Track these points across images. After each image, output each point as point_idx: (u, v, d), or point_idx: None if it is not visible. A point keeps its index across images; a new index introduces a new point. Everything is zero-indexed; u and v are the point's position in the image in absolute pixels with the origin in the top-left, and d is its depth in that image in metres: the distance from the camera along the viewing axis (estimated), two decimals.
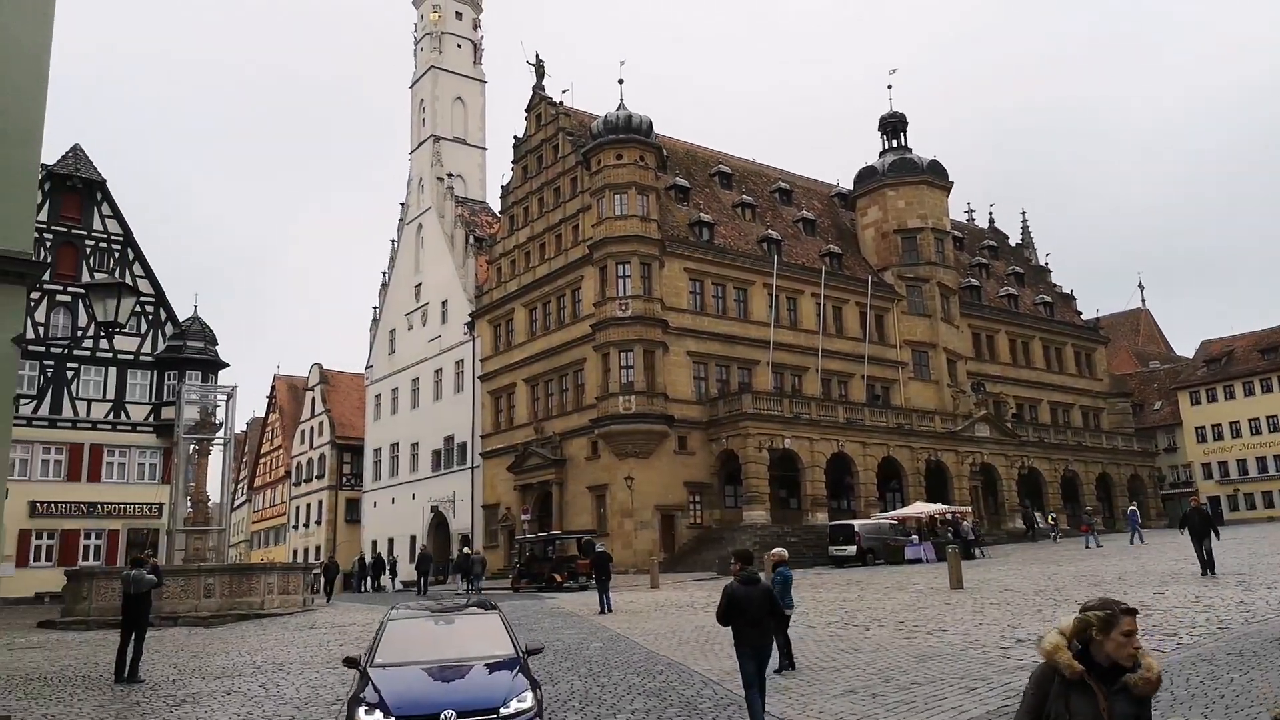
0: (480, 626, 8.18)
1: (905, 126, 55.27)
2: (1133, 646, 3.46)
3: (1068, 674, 3.45)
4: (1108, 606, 3.51)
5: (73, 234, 36.18)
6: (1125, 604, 3.55)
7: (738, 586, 8.20)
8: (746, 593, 8.14)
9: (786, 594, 11.17)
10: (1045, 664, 3.55)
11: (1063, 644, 3.49)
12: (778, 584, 11.00)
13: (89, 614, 23.38)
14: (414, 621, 8.35)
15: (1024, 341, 58.45)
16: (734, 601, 8.11)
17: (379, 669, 7.30)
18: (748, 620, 8.09)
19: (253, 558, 70.71)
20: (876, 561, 34.65)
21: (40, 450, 34.27)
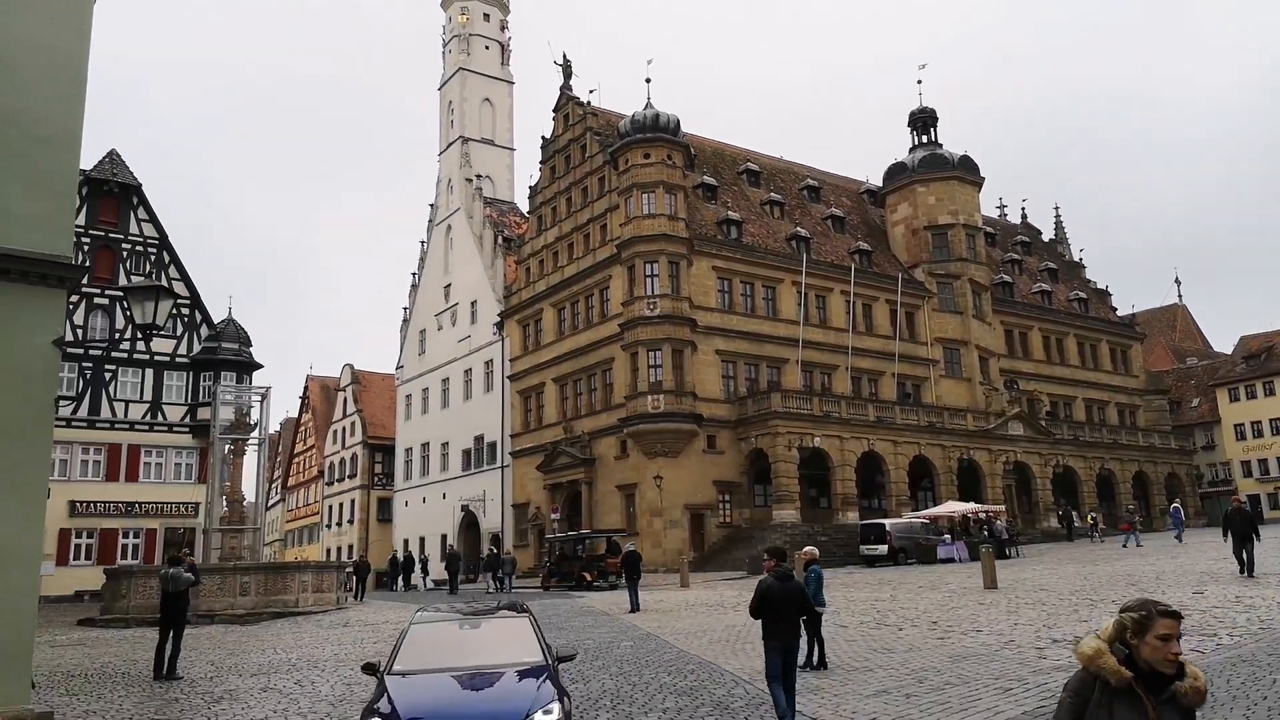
0: (508, 631, 7.79)
1: (935, 122, 54.77)
2: (1170, 652, 3.21)
3: (1114, 681, 3.22)
4: (1144, 607, 3.30)
5: (110, 238, 36.80)
6: (1166, 605, 3.33)
7: (772, 582, 8.36)
8: (781, 588, 8.30)
9: (819, 593, 11.25)
10: (1083, 670, 3.33)
11: (1105, 649, 3.28)
12: (811, 583, 11.08)
13: (128, 612, 23.77)
14: (438, 626, 7.93)
15: (1058, 338, 57.70)
16: (768, 596, 8.27)
17: (396, 677, 6.96)
18: (780, 615, 8.26)
19: (287, 556, 71.56)
20: (908, 561, 34.37)
21: (80, 450, 34.91)
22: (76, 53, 8.64)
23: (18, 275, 7.74)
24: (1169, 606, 3.32)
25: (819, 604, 11.08)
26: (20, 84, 8.18)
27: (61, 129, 8.40)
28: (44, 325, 7.88)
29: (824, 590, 11.26)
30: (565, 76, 49.34)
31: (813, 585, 11.04)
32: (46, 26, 8.44)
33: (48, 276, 7.89)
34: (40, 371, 7.82)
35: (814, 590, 11.03)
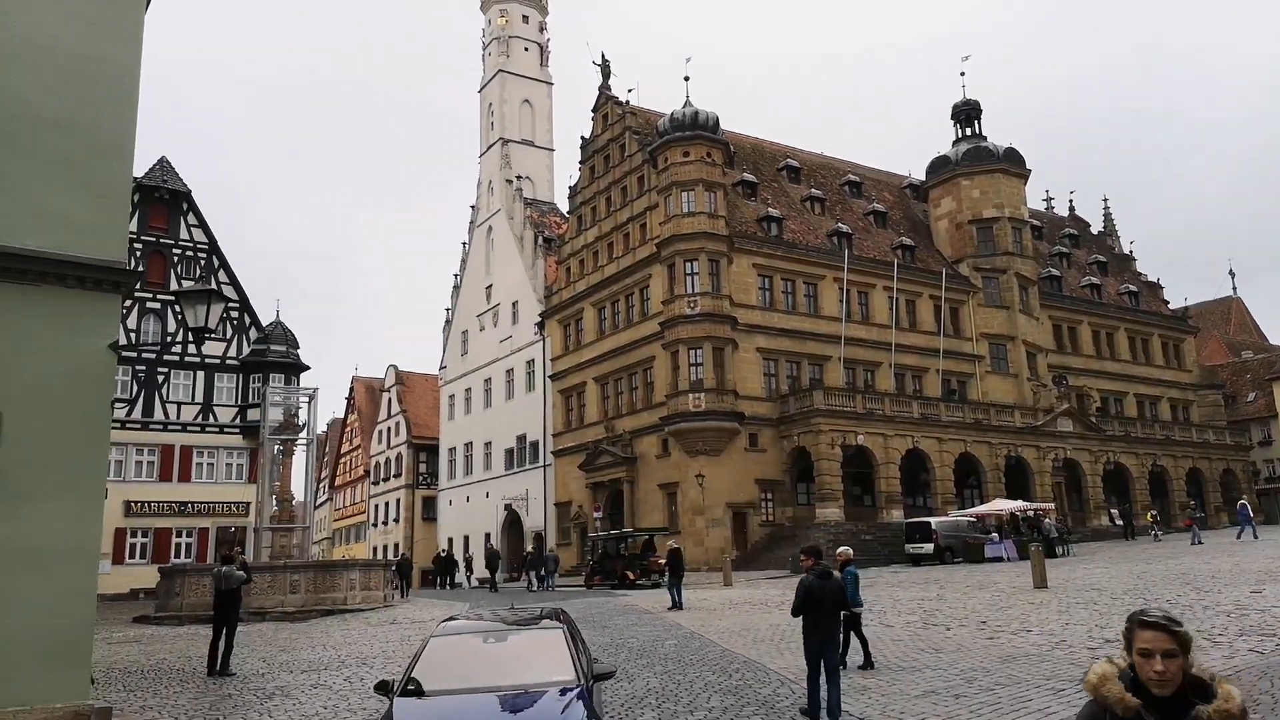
0: (538, 646, 6.94)
1: (979, 114, 53.96)
2: (1152, 670, 2.80)
3: (1120, 711, 2.84)
4: (1130, 619, 2.93)
5: (161, 243, 37.65)
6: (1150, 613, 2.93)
7: (813, 580, 8.64)
8: (821, 586, 8.59)
9: (856, 592, 11.35)
10: (1092, 700, 2.98)
11: (1111, 674, 2.93)
12: (848, 583, 11.13)
13: (181, 609, 24.27)
14: (461, 639, 7.13)
15: (1108, 332, 56.54)
16: (810, 594, 8.51)
17: (407, 699, 6.26)
18: (823, 612, 8.54)
19: (334, 555, 72.69)
20: (955, 560, 33.92)
21: (134, 452, 35.78)
22: (128, 63, 8.84)
23: (75, 281, 7.95)
24: (1153, 615, 2.92)
25: (856, 604, 11.21)
26: (75, 95, 8.39)
27: (115, 138, 8.60)
28: (101, 329, 8.08)
29: (869, 589, 11.28)
30: (604, 76, 49.46)
31: (850, 585, 11.13)
32: (99, 38, 8.65)
33: (103, 282, 8.09)
34: (98, 375, 8.02)
35: (851, 590, 11.14)
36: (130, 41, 8.90)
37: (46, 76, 8.26)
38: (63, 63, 8.37)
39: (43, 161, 8.13)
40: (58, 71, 8.33)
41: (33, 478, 7.49)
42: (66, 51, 8.42)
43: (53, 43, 8.35)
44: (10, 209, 7.86)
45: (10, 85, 8.06)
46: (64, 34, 8.44)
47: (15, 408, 7.52)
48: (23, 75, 8.15)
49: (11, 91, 8.06)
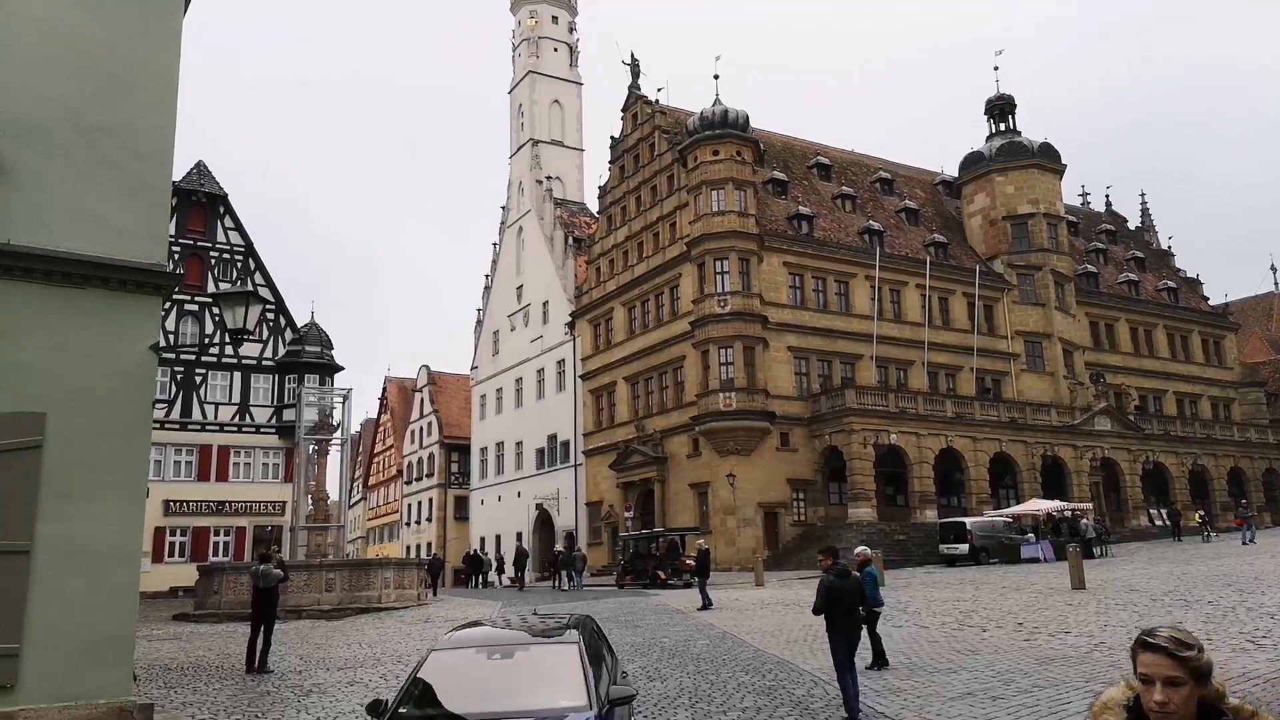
0: (548, 663, 6.21)
1: (1013, 109, 53.28)
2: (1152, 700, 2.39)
3: None
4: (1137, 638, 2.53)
5: (198, 246, 38.25)
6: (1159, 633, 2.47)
7: (833, 580, 9.02)
8: (842, 585, 8.97)
9: (875, 592, 11.51)
10: None
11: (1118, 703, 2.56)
12: (867, 583, 11.26)
13: (220, 607, 24.64)
14: (463, 654, 6.44)
15: (1146, 329, 55.61)
16: (832, 593, 8.88)
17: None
18: (844, 609, 8.89)
19: (368, 553, 73.43)
20: (990, 560, 33.54)
21: (173, 451, 36.38)
22: (167, 68, 8.99)
23: (117, 284, 8.09)
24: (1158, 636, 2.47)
25: (876, 604, 11.42)
26: (116, 100, 8.54)
27: (155, 142, 8.75)
28: (142, 331, 8.22)
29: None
30: (633, 76, 49.49)
31: (868, 585, 11.29)
32: (139, 44, 8.80)
33: (145, 284, 8.24)
34: (140, 376, 8.17)
35: (870, 590, 11.29)
36: (169, 47, 9.05)
37: (88, 83, 8.42)
38: (104, 69, 8.52)
39: (86, 166, 8.28)
40: (99, 77, 8.49)
41: (77, 478, 7.64)
42: (107, 57, 8.57)
43: (94, 49, 8.50)
44: (54, 213, 8.02)
45: (54, 92, 8.22)
46: (105, 40, 8.59)
47: (60, 409, 7.67)
48: (66, 82, 8.31)
49: (55, 98, 8.22)
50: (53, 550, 7.41)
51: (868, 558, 12.01)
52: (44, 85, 8.18)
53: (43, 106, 8.14)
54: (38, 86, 8.14)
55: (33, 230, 7.84)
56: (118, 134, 8.48)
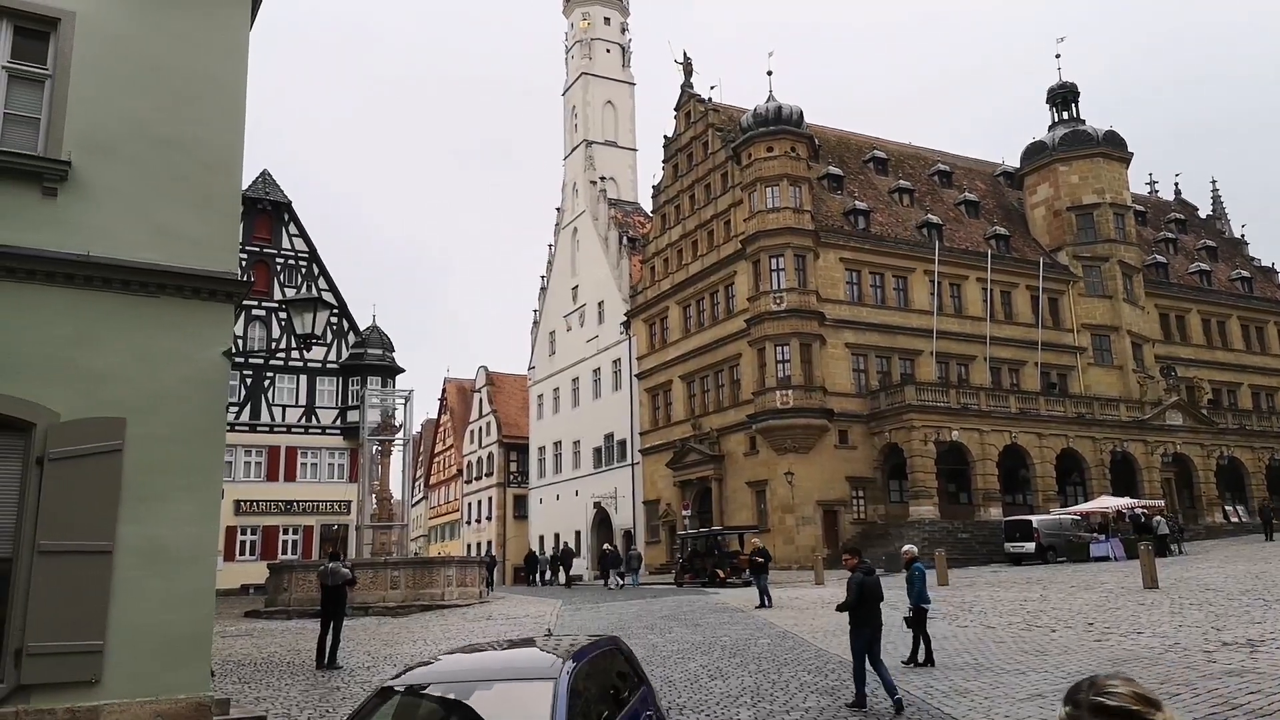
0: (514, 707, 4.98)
1: (1076, 97, 51.96)
2: None
3: None
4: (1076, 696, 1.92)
5: (264, 253, 39.26)
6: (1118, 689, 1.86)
7: (863, 577, 9.60)
8: (871, 581, 9.56)
9: (924, 590, 11.56)
10: None
11: None
12: (916, 581, 11.54)
13: (289, 604, 25.29)
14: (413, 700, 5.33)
15: (1219, 321, 53.78)
16: (864, 589, 9.46)
17: None
18: (872, 604, 9.43)
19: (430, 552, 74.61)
20: (1058, 559, 32.78)
21: (243, 453, 37.42)
22: (235, 82, 9.24)
23: (191, 292, 8.35)
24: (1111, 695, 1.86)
25: (924, 601, 11.46)
26: (187, 114, 8.81)
27: (224, 154, 9.00)
28: (215, 338, 8.49)
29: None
30: (686, 74, 49.43)
31: (917, 583, 11.51)
32: (208, 58, 9.06)
33: (217, 292, 8.49)
34: (213, 381, 8.43)
35: (918, 588, 11.46)
36: (236, 60, 9.30)
37: (160, 97, 8.69)
38: (174, 84, 8.79)
39: (159, 179, 8.55)
40: (170, 92, 8.75)
41: (155, 481, 7.90)
42: (177, 73, 8.83)
43: (165, 65, 8.77)
44: (130, 225, 8.30)
45: (127, 108, 8.51)
46: (175, 56, 8.86)
47: (138, 414, 7.95)
48: (138, 98, 8.59)
49: (130, 113, 8.51)
50: (133, 551, 7.68)
51: (914, 556, 12.13)
52: (118, 102, 8.47)
53: (117, 122, 8.43)
54: (112, 103, 8.43)
55: (110, 242, 8.12)
56: (188, 147, 8.74)
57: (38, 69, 8.20)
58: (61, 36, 8.28)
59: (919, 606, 11.43)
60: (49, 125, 8.09)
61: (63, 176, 7.96)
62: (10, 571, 7.38)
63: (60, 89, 8.18)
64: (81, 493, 7.58)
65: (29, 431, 7.57)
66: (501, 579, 59.37)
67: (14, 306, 7.67)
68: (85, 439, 7.67)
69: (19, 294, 7.70)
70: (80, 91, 8.27)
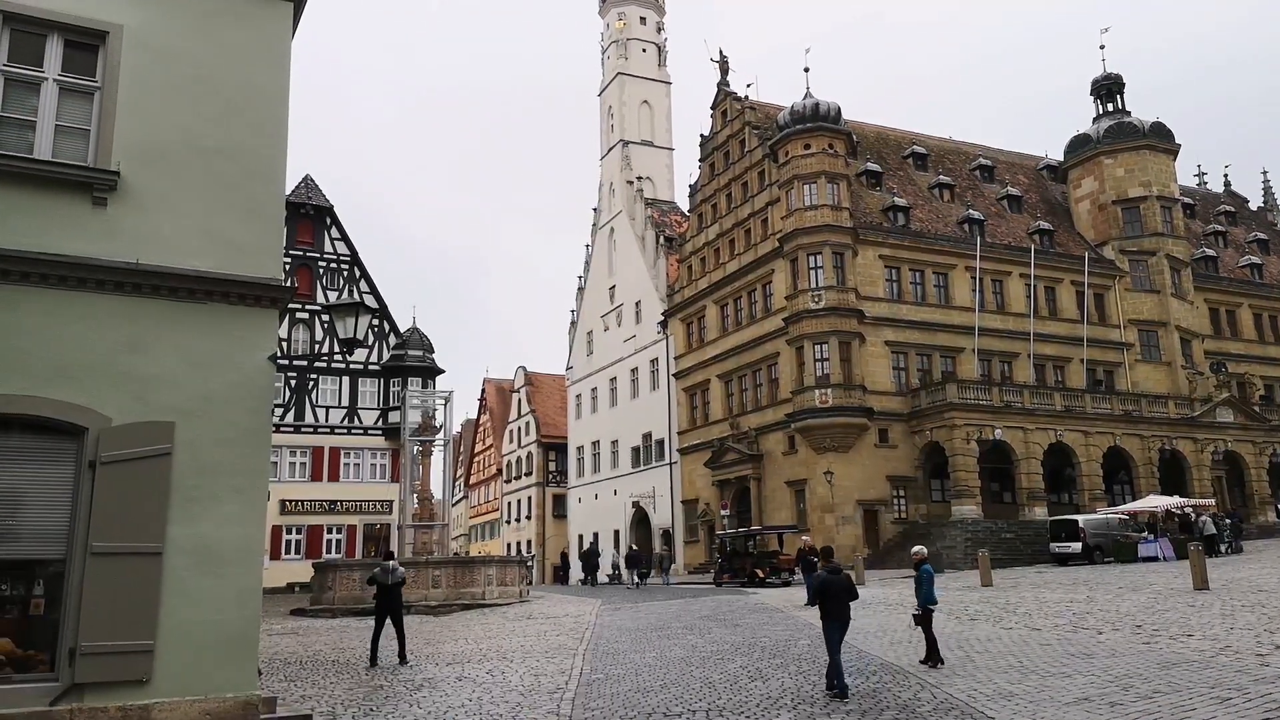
0: None
1: (1121, 88, 51.00)
2: None
3: None
4: None
5: (307, 257, 39.87)
6: None
7: (826, 575, 10.59)
8: (834, 580, 10.39)
9: (930, 590, 11.79)
10: None
11: None
12: (924, 581, 11.78)
13: (334, 602, 25.66)
14: None
15: (1271, 315, 52.44)
16: (825, 586, 10.41)
17: None
18: (837, 601, 10.22)
19: (471, 551, 75.25)
20: (1105, 560, 32.20)
21: (288, 454, 38.05)
22: (278, 90, 9.39)
23: (237, 298, 8.52)
24: None
25: (930, 601, 11.70)
26: (232, 123, 8.98)
27: (268, 162, 9.16)
28: (261, 342, 8.64)
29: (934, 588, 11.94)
30: (722, 73, 49.31)
31: (925, 584, 11.78)
32: (252, 68, 9.23)
33: (263, 298, 8.65)
34: (260, 385, 8.59)
35: (926, 589, 11.75)
36: (279, 69, 9.46)
37: (206, 107, 8.87)
38: (219, 93, 8.97)
39: (204, 187, 8.73)
40: (216, 101, 8.93)
41: (203, 483, 8.07)
42: (222, 82, 9.01)
43: (210, 75, 8.95)
44: (177, 232, 8.48)
45: (174, 117, 8.70)
46: (220, 66, 9.03)
47: (187, 418, 8.12)
48: (187, 107, 8.78)
49: (178, 123, 8.70)
50: (182, 552, 7.85)
51: (924, 557, 12.33)
52: (165, 112, 8.65)
53: (164, 131, 8.61)
54: (159, 114, 8.62)
55: (158, 249, 8.31)
56: (233, 155, 8.91)
57: (87, 81, 8.41)
58: (110, 49, 8.47)
59: (926, 607, 11.67)
60: (98, 136, 8.29)
61: (112, 186, 8.16)
62: (64, 573, 7.59)
63: (109, 100, 8.38)
64: (132, 495, 7.76)
65: (81, 436, 7.77)
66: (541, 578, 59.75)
67: (66, 314, 7.88)
68: (136, 443, 7.85)
69: (70, 302, 7.90)
70: (128, 102, 8.46)
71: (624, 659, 14.10)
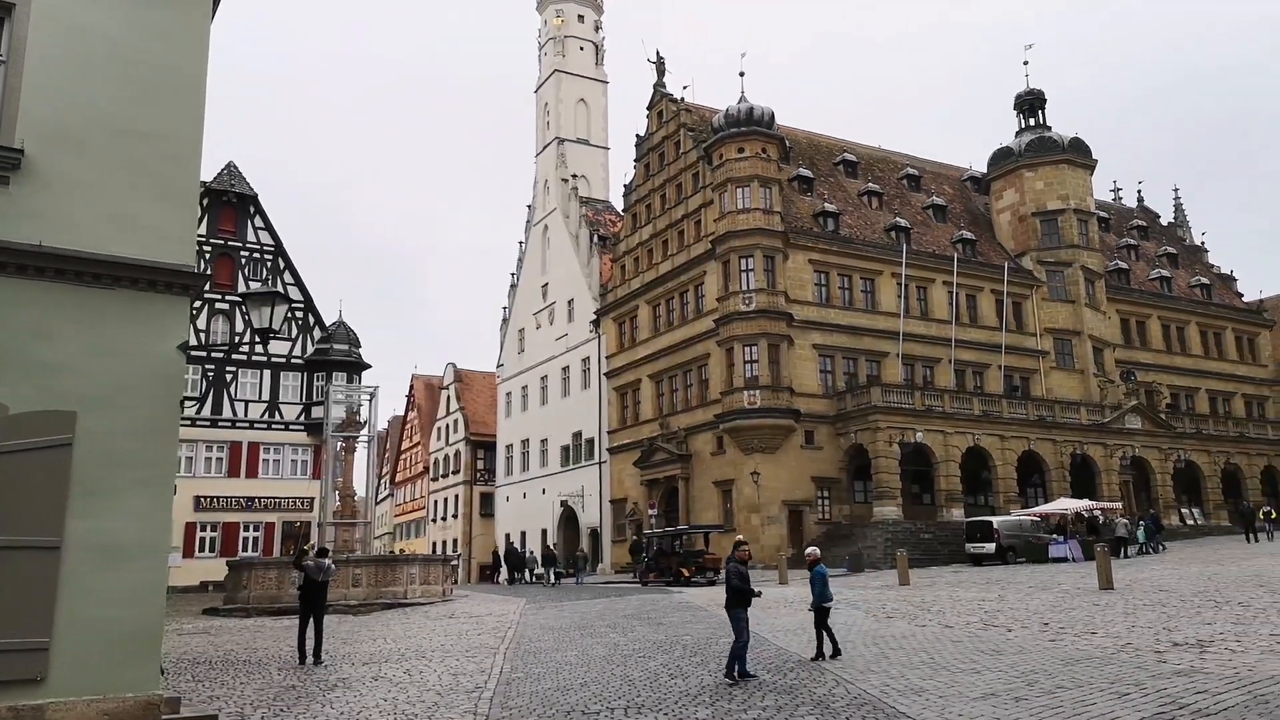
0: None
1: (1043, 104, 52.76)
2: None
3: None
4: None
5: (229, 246, 38.76)
6: None
7: (736, 566, 11.56)
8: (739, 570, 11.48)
9: (825, 589, 12.32)
10: None
11: None
12: (817, 580, 12.30)
13: (249, 602, 24.99)
14: None
15: (1178, 326, 54.86)
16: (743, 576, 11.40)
17: None
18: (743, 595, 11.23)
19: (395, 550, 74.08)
20: (1017, 560, 33.26)
21: (204, 448, 36.94)
22: (196, 72, 9.12)
23: (146, 284, 8.23)
24: None
25: (825, 599, 12.23)
26: (147, 104, 8.69)
27: (184, 145, 8.88)
28: (171, 331, 8.36)
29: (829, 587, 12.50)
30: (658, 74, 49.49)
31: (818, 583, 12.24)
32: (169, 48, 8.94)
33: (174, 285, 8.37)
34: (168, 375, 8.31)
35: (819, 587, 12.21)
36: (198, 50, 9.18)
37: (120, 86, 8.57)
38: (135, 73, 8.67)
39: (115, 169, 8.42)
40: (131, 82, 8.63)
41: (106, 475, 7.78)
42: (137, 62, 8.71)
43: (124, 54, 8.64)
44: (85, 215, 8.17)
45: (85, 97, 8.38)
46: (135, 46, 8.73)
47: (89, 407, 7.82)
48: (100, 86, 8.46)
49: (86, 102, 8.38)
50: (82, 546, 7.56)
51: (817, 558, 12.83)
52: (76, 90, 8.34)
53: (74, 111, 8.30)
54: (70, 92, 8.30)
55: (65, 232, 7.99)
56: (147, 137, 8.62)
57: None
58: (16, 22, 8.14)
59: (820, 605, 12.16)
60: (1, 112, 7.93)
61: (15, 165, 7.82)
62: None
63: (14, 75, 8.04)
64: (29, 487, 7.45)
65: None
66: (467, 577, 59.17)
67: None
68: (34, 432, 7.53)
69: None
70: (36, 79, 8.12)
71: (545, 657, 14.04)
